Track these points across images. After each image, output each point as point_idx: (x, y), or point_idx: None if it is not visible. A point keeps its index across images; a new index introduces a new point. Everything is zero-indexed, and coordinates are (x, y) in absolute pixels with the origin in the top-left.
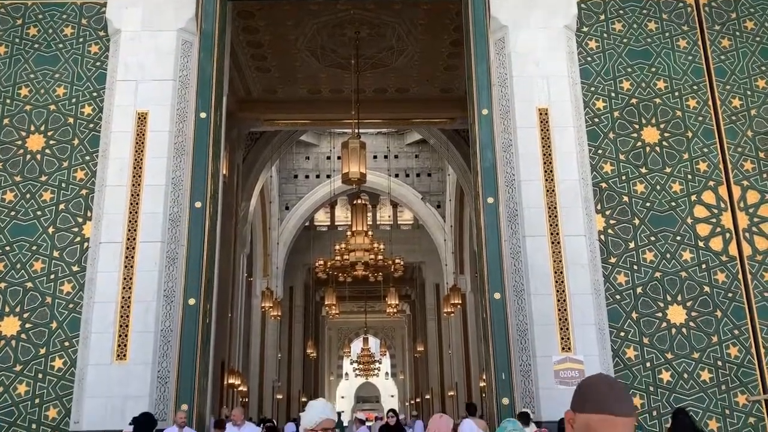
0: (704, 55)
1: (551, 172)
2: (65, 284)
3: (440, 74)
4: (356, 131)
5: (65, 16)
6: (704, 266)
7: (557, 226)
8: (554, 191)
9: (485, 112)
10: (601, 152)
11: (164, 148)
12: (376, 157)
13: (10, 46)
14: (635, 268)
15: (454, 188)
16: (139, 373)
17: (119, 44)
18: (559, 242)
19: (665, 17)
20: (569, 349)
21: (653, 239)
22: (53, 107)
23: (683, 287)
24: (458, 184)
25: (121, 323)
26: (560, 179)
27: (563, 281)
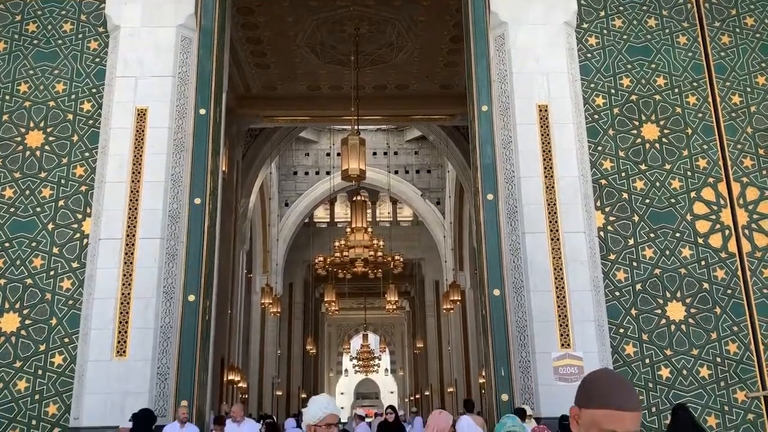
0: (704, 51)
1: (551, 168)
2: (65, 280)
3: (440, 71)
4: (356, 128)
5: (64, 12)
6: (703, 263)
7: (557, 222)
8: (554, 188)
9: (485, 108)
10: (600, 149)
11: (164, 144)
12: (375, 153)
13: (9, 42)
14: (635, 264)
15: (453, 185)
16: (138, 369)
17: (118, 40)
18: (558, 239)
19: (665, 14)
20: (568, 345)
21: (653, 236)
22: (52, 103)
23: (682, 284)
24: (458, 180)
25: (120, 319)
26: (560, 176)
27: (563, 278)
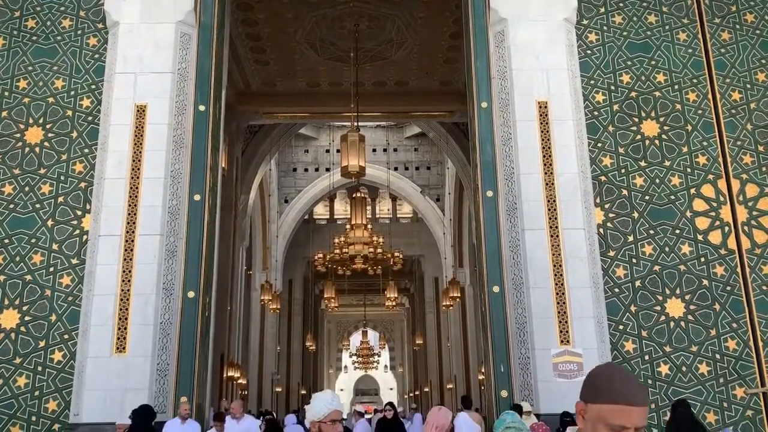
0: (704, 48)
1: (550, 165)
2: (64, 277)
3: (440, 67)
4: (355, 124)
5: (63, 8)
6: (703, 260)
7: (556, 219)
8: (553, 184)
9: (485, 105)
10: (600, 145)
11: (163, 140)
12: (375, 150)
13: (8, 38)
14: (634, 261)
15: (453, 181)
16: (138, 365)
17: (118, 36)
18: (558, 235)
19: (665, 10)
20: (568, 342)
21: (652, 232)
22: (52, 100)
23: (682, 280)
24: (457, 177)
25: (120, 316)
26: (559, 172)
27: (562, 274)
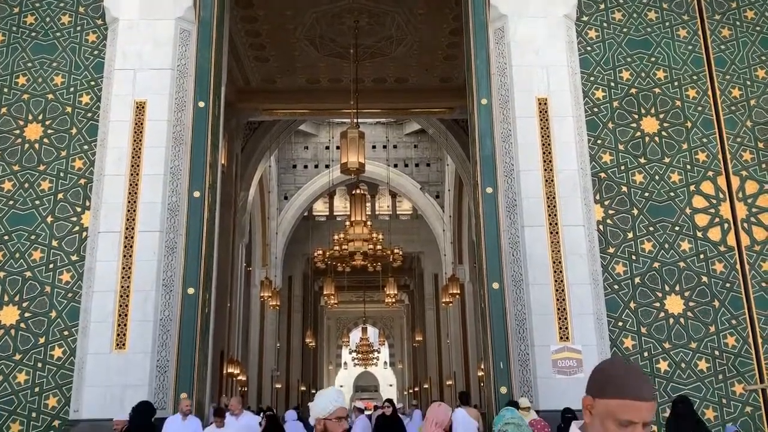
0: (704, 44)
1: (550, 162)
2: (64, 273)
3: (439, 64)
4: (355, 121)
5: (62, 4)
6: (702, 256)
7: (556, 216)
8: (553, 181)
9: (484, 101)
10: (600, 142)
11: (162, 137)
12: (374, 147)
13: (7, 34)
14: (634, 258)
15: (453, 178)
16: (138, 362)
17: (117, 33)
18: (557, 232)
19: (665, 7)
20: (567, 338)
21: (652, 229)
22: (51, 96)
23: (681, 277)
24: (457, 174)
25: (120, 312)
26: (559, 169)
27: (562, 271)
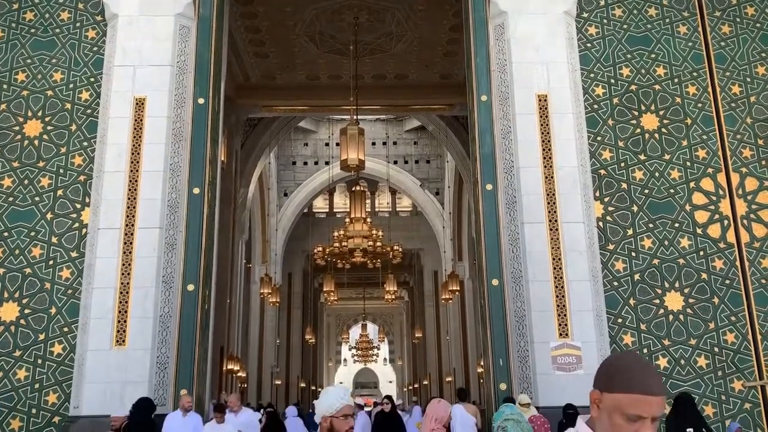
0: (704, 41)
1: (550, 158)
2: (64, 270)
3: (439, 60)
4: (355, 117)
5: (62, 0)
6: (702, 253)
7: (556, 212)
8: (553, 178)
9: (484, 98)
10: (600, 139)
11: (162, 133)
12: (374, 143)
13: (6, 30)
14: (633, 254)
15: (452, 175)
16: (138, 358)
17: (116, 29)
18: (557, 229)
19: (665, 3)
20: (567, 335)
21: (651, 226)
22: (50, 93)
23: (681, 274)
24: (457, 170)
25: (120, 309)
26: (559, 166)
27: (561, 268)
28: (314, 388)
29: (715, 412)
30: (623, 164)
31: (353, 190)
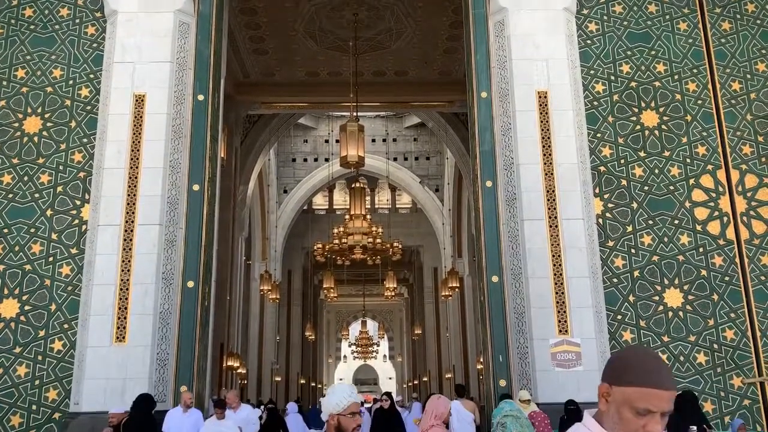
0: (704, 38)
1: (550, 155)
2: (64, 267)
3: (439, 57)
4: (354, 114)
5: None
6: (702, 250)
7: (555, 209)
8: (553, 175)
9: (484, 95)
10: (600, 136)
11: (162, 130)
12: (374, 140)
13: (5, 27)
14: (633, 251)
15: (452, 172)
16: (138, 355)
17: (116, 25)
18: (557, 226)
19: (665, 0)
20: (566, 331)
21: (651, 223)
22: (50, 89)
23: (680, 271)
24: (457, 167)
25: (120, 306)
26: (559, 163)
27: (561, 264)
28: (314, 384)
29: (714, 408)
30: (623, 161)
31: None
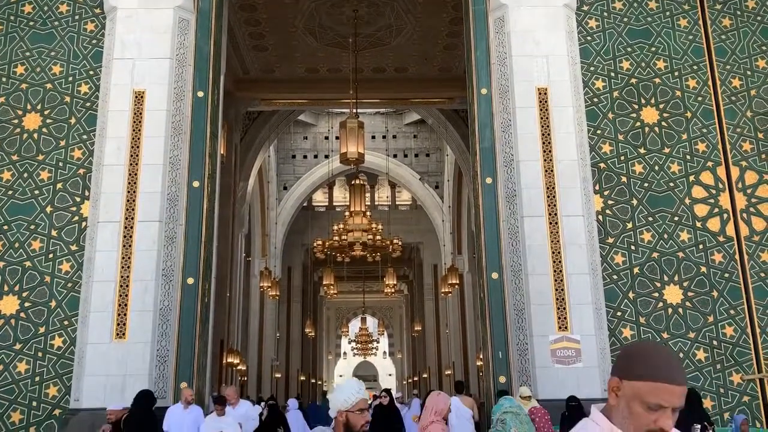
0: (705, 34)
1: (550, 152)
2: (64, 263)
3: (439, 53)
4: (354, 111)
5: None
6: (701, 246)
7: (555, 206)
8: (553, 171)
9: (484, 91)
10: (600, 132)
11: (162, 127)
12: (374, 137)
13: (5, 23)
14: (633, 248)
15: (452, 168)
16: (138, 351)
17: (115, 22)
18: (557, 222)
19: None
20: (566, 328)
21: (651, 219)
22: (49, 86)
23: (680, 267)
24: (457, 164)
25: (120, 302)
26: (559, 159)
27: (561, 261)
28: (314, 381)
29: (714, 404)
30: (623, 158)
31: (353, 183)
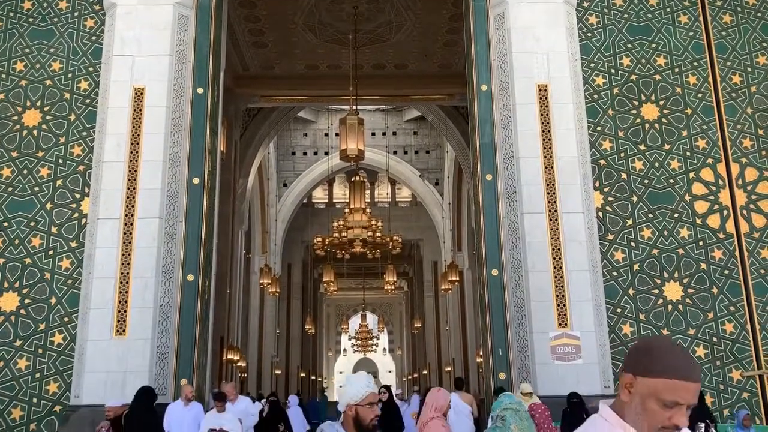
0: (705, 30)
1: (550, 148)
2: (64, 260)
3: (439, 50)
4: (354, 107)
5: None
6: (701, 243)
7: (555, 203)
8: (553, 168)
9: (484, 88)
10: (600, 129)
11: (161, 123)
12: (374, 133)
13: (4, 19)
14: (633, 245)
15: (452, 165)
16: (138, 348)
17: (115, 18)
18: (557, 219)
19: None
20: (566, 325)
21: (651, 216)
22: (49, 82)
23: (680, 264)
24: (457, 161)
25: (120, 299)
26: (559, 156)
27: (561, 258)
28: (314, 377)
29: (713, 401)
30: (623, 154)
31: (353, 180)
